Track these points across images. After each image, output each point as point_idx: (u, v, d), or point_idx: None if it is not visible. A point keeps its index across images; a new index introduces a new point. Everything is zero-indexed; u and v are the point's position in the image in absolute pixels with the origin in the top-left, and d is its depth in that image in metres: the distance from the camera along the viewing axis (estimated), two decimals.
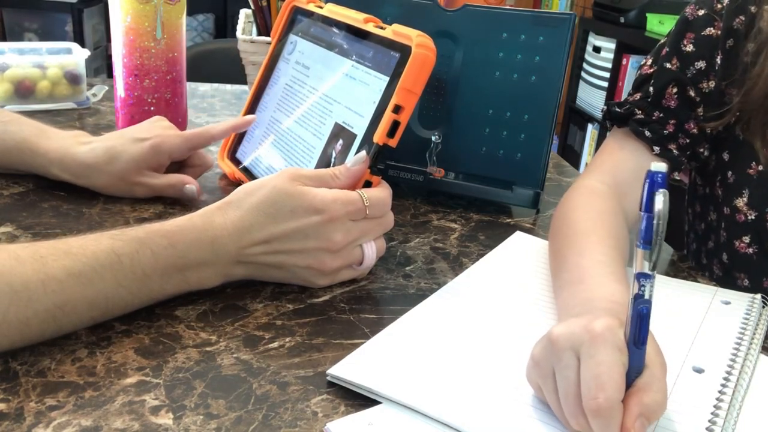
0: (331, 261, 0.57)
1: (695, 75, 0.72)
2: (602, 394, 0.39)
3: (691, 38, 0.73)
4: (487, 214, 0.79)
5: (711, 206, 0.80)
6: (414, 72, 0.60)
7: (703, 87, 0.72)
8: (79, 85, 1.07)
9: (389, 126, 0.59)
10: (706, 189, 0.81)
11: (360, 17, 0.69)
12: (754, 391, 0.49)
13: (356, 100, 0.65)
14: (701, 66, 0.72)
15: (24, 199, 0.71)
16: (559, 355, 0.42)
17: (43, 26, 3.30)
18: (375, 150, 0.60)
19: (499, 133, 0.79)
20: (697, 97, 0.72)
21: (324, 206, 0.55)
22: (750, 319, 0.57)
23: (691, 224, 0.88)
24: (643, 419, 0.40)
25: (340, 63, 0.70)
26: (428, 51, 0.60)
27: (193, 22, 3.88)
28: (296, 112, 0.73)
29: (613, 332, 0.41)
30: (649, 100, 0.73)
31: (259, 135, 0.78)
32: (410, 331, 0.53)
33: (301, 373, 0.48)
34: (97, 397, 0.44)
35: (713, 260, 0.80)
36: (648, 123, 0.72)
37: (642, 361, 0.42)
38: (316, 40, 0.75)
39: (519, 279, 0.63)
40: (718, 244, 0.79)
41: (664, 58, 0.74)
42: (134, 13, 0.82)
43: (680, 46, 0.73)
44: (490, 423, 0.43)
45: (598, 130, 3.13)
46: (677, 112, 0.72)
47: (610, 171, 0.72)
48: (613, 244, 0.59)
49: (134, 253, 0.50)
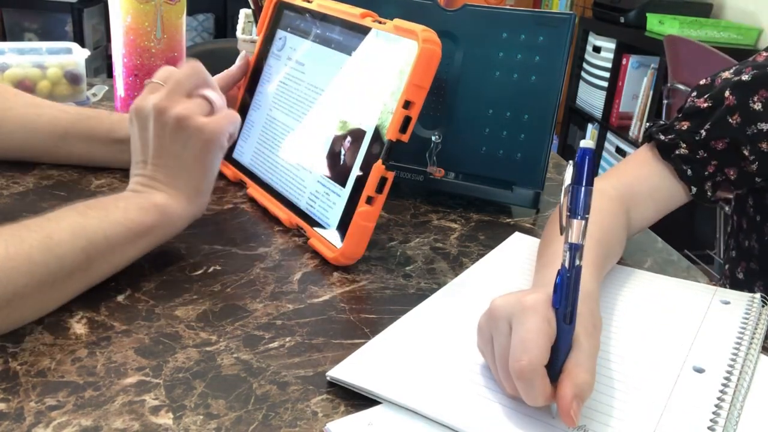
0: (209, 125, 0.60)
1: (755, 134, 0.69)
2: (525, 356, 0.42)
3: (764, 97, 0.69)
4: (487, 214, 0.79)
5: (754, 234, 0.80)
6: (422, 67, 0.60)
7: (761, 146, 0.69)
8: (79, 85, 1.07)
9: (401, 122, 0.60)
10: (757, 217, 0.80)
11: (356, 12, 0.68)
12: (754, 390, 0.49)
13: (360, 96, 0.65)
14: (764, 128, 0.69)
15: (24, 199, 0.71)
16: (495, 323, 0.46)
17: (43, 26, 3.30)
18: (387, 146, 0.60)
19: (499, 133, 0.79)
20: (751, 155, 0.70)
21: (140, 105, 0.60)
22: (750, 318, 0.57)
23: (734, 233, 0.88)
24: (578, 400, 0.42)
25: (337, 58, 0.69)
26: (434, 45, 0.60)
27: (193, 22, 3.88)
28: (296, 110, 0.73)
29: (543, 304, 0.44)
30: (697, 139, 0.71)
31: (256, 134, 0.78)
32: (410, 332, 0.53)
33: (301, 373, 0.48)
34: (97, 397, 0.44)
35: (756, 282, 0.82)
36: (691, 161, 0.71)
37: (569, 338, 0.44)
38: (309, 35, 0.74)
39: (518, 279, 0.63)
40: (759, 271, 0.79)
41: (727, 110, 0.70)
42: (134, 13, 0.82)
43: (748, 103, 0.70)
44: (490, 423, 0.43)
45: (597, 129, 3.13)
46: (722, 156, 0.71)
47: (628, 181, 0.71)
48: (598, 237, 0.59)
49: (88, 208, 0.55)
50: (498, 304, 0.46)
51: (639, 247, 0.76)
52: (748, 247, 0.84)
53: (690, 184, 0.71)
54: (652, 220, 0.72)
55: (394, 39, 0.64)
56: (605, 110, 3.05)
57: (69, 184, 0.74)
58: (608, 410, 0.45)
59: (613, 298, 0.60)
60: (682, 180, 0.71)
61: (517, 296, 0.46)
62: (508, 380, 0.44)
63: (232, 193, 0.78)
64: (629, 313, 0.58)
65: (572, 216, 0.44)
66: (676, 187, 0.71)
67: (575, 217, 0.44)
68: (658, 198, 0.71)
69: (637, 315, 0.58)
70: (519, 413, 0.44)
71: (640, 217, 0.70)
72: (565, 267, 0.44)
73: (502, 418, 0.44)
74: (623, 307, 0.59)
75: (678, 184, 0.71)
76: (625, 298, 0.60)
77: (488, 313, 0.47)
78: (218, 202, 0.75)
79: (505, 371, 0.44)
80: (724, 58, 2.07)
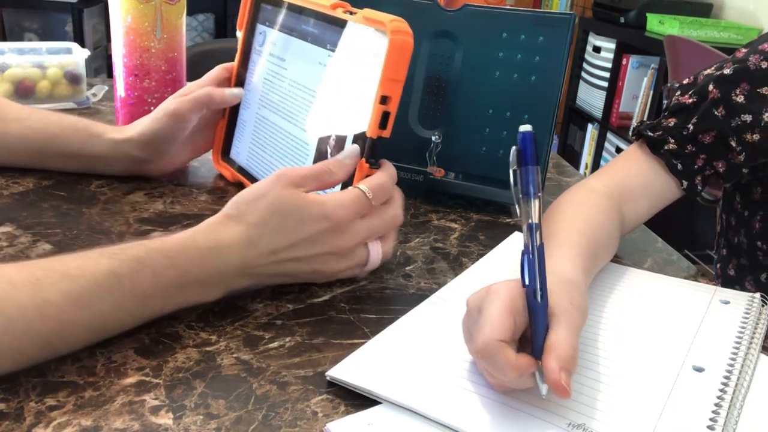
0: (337, 264, 0.57)
1: (740, 126, 0.70)
2: (480, 336, 0.43)
3: (746, 89, 0.71)
4: (487, 214, 0.79)
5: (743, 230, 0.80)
6: (394, 60, 0.58)
7: (746, 138, 0.70)
8: (79, 85, 1.07)
9: (380, 118, 0.59)
10: (744, 212, 0.81)
11: (327, 3, 0.67)
12: (754, 390, 0.49)
13: (339, 92, 0.64)
14: (747, 119, 0.70)
15: (24, 199, 0.71)
16: (470, 314, 0.47)
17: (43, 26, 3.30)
18: (369, 144, 0.59)
19: (499, 133, 0.79)
20: (738, 146, 0.70)
21: (330, 213, 0.55)
22: (749, 318, 0.57)
23: (723, 232, 0.88)
24: (565, 372, 0.42)
25: (315, 53, 0.68)
26: (405, 36, 0.58)
27: (193, 22, 3.88)
28: (282, 108, 0.72)
29: (507, 288, 0.46)
30: (685, 134, 0.72)
31: (248, 133, 0.77)
32: (410, 332, 0.53)
33: (301, 373, 0.48)
34: (97, 397, 0.44)
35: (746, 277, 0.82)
36: (680, 156, 0.71)
37: (545, 312, 0.45)
38: (286, 29, 0.73)
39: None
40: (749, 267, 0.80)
41: (711, 103, 0.71)
42: (134, 13, 0.82)
43: (731, 96, 0.71)
44: (490, 423, 0.43)
45: (597, 129, 3.13)
46: (710, 149, 0.71)
47: (619, 178, 0.71)
48: (585, 231, 0.60)
49: (134, 274, 0.48)
50: (471, 298, 0.48)
51: (639, 247, 0.76)
52: (737, 243, 0.84)
53: (680, 178, 0.72)
54: (646, 216, 0.72)
55: (368, 31, 0.62)
56: (605, 110, 3.05)
57: (69, 184, 0.74)
58: (608, 408, 0.45)
59: (613, 297, 0.60)
60: (673, 174, 0.72)
61: (487, 287, 0.47)
62: (485, 371, 0.45)
63: (232, 193, 0.77)
64: (629, 312, 0.58)
65: (526, 197, 0.46)
66: (668, 182, 0.72)
67: (528, 198, 0.46)
68: (650, 193, 0.71)
69: (637, 314, 0.58)
70: (518, 412, 0.44)
71: (633, 214, 0.70)
72: (527, 246, 0.46)
73: (502, 418, 0.44)
74: (623, 306, 0.59)
75: (669, 179, 0.72)
76: (625, 298, 0.60)
77: (466, 310, 0.48)
78: (218, 203, 0.75)
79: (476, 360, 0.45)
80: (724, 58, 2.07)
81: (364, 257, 0.59)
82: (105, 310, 0.47)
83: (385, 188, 0.58)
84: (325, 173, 0.57)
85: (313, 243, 0.55)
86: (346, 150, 0.59)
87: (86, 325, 0.47)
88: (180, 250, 0.51)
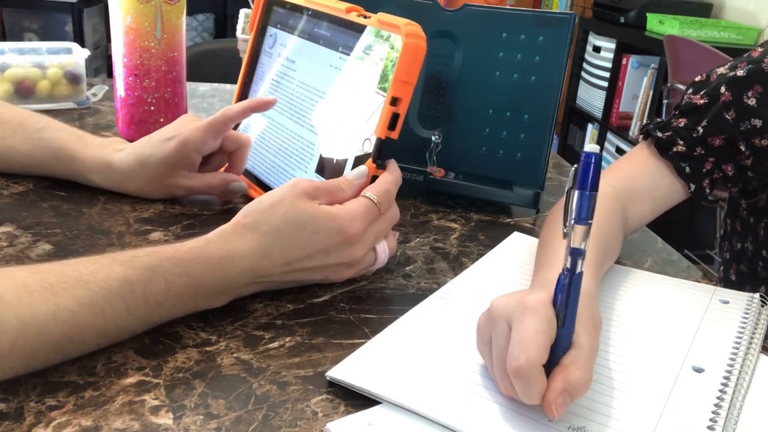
0: (348, 271, 0.58)
1: (749, 129, 0.70)
2: (524, 355, 0.42)
3: (758, 92, 0.70)
4: (487, 214, 0.79)
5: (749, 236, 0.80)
6: (407, 62, 0.59)
7: (755, 142, 0.70)
8: (79, 84, 1.07)
9: (389, 119, 0.59)
10: (750, 219, 0.80)
11: (342, 7, 0.68)
12: (754, 390, 0.49)
13: (349, 93, 0.64)
14: (757, 124, 0.69)
15: (24, 199, 0.71)
16: (495, 323, 0.46)
17: (43, 26, 3.30)
18: (377, 144, 0.60)
19: (499, 133, 0.79)
20: (746, 150, 0.70)
21: (345, 227, 0.55)
22: (749, 318, 0.57)
23: (727, 236, 0.88)
24: (566, 395, 0.42)
25: (327, 56, 0.69)
26: (419, 39, 0.59)
27: (193, 22, 3.88)
28: (290, 109, 0.72)
29: (543, 305, 0.44)
30: (695, 136, 0.71)
31: (254, 134, 0.78)
32: (410, 332, 0.53)
33: (301, 373, 0.48)
34: (97, 397, 0.44)
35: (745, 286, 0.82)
36: (689, 158, 0.71)
37: (569, 339, 0.44)
38: (298, 32, 0.74)
39: (518, 279, 0.63)
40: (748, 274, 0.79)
41: (723, 106, 0.71)
42: (134, 13, 0.82)
43: (742, 98, 0.70)
44: (490, 424, 0.43)
45: (597, 129, 3.13)
46: (719, 152, 0.71)
47: (625, 179, 0.71)
48: (596, 236, 0.59)
49: (147, 282, 0.48)
50: (498, 305, 0.46)
51: (639, 247, 0.76)
52: (741, 249, 0.84)
53: (688, 181, 0.71)
54: (650, 218, 0.72)
55: (382, 34, 0.63)
56: (605, 110, 3.05)
57: (69, 184, 0.74)
58: (608, 410, 0.45)
59: (613, 298, 0.60)
60: (681, 177, 0.71)
61: (518, 296, 0.46)
62: (505, 380, 0.44)
63: None
64: (629, 312, 0.58)
65: (576, 221, 0.43)
66: (675, 185, 0.71)
67: (579, 222, 0.43)
68: (656, 196, 0.71)
69: (637, 315, 0.58)
70: (518, 414, 0.44)
71: (637, 215, 0.70)
72: (565, 272, 0.44)
73: (501, 419, 0.44)
74: (623, 307, 0.59)
75: (676, 181, 0.71)
76: (625, 298, 0.60)
77: (488, 313, 0.47)
78: (218, 203, 0.75)
79: (501, 371, 0.44)
80: (724, 57, 2.07)
81: (372, 259, 0.60)
82: (117, 316, 0.47)
83: (391, 193, 0.59)
84: (337, 190, 0.58)
85: (327, 254, 0.56)
86: (356, 170, 0.60)
87: (98, 330, 0.47)
88: (192, 259, 0.51)
